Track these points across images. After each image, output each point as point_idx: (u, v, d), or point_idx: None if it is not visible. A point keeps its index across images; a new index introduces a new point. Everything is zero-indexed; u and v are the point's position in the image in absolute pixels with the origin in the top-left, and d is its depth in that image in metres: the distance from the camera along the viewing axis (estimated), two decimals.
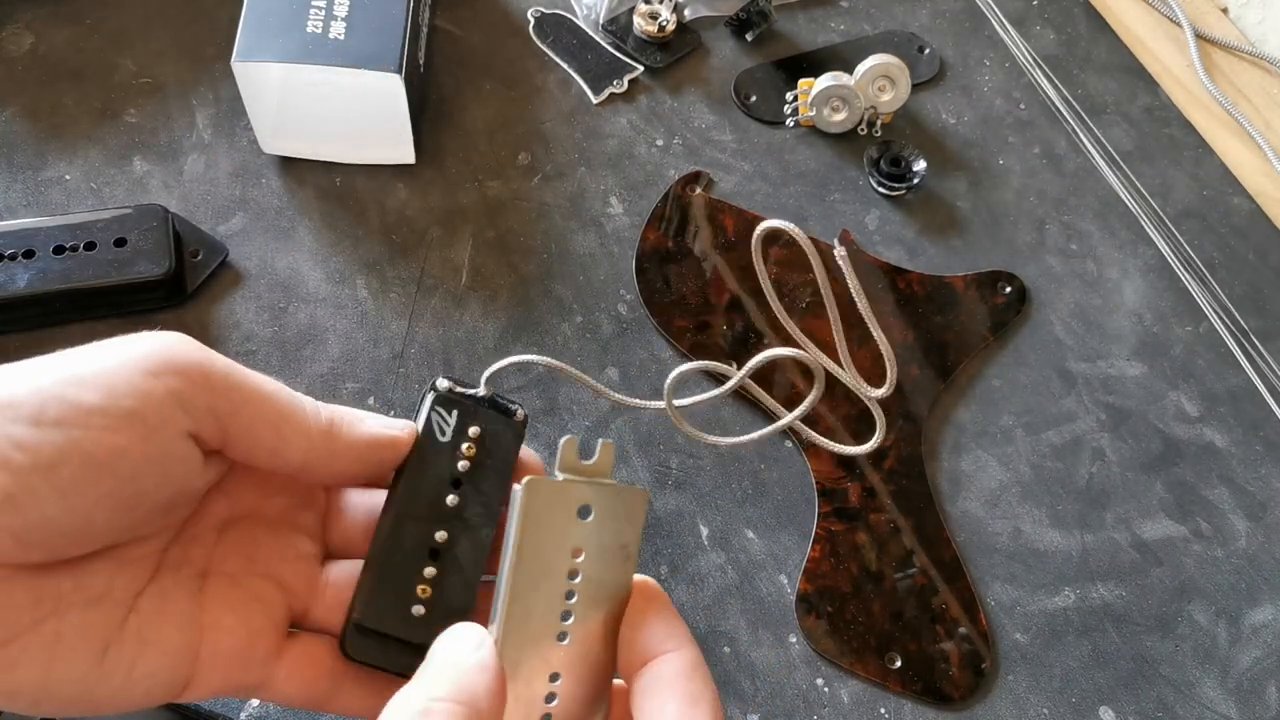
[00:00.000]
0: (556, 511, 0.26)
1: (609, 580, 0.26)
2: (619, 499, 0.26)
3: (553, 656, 0.25)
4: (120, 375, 0.23)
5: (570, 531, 0.26)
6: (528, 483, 0.25)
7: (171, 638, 0.25)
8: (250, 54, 0.47)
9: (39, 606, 0.23)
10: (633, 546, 0.26)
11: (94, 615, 0.24)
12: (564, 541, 0.26)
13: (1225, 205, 0.60)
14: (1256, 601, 0.47)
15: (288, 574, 0.28)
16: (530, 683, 0.25)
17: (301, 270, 0.49)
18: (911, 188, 0.56)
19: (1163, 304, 0.55)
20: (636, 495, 0.26)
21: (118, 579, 0.25)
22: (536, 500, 0.25)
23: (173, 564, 0.26)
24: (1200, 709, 0.44)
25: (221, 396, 0.25)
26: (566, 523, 0.26)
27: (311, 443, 0.26)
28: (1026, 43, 0.65)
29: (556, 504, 0.26)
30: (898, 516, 0.46)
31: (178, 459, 0.24)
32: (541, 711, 0.25)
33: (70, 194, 0.50)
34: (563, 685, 0.26)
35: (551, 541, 0.25)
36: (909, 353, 0.51)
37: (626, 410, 0.48)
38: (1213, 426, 0.51)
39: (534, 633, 0.25)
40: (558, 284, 0.51)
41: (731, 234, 0.53)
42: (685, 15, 0.61)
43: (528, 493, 0.25)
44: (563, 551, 0.26)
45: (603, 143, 0.56)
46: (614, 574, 0.26)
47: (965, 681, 0.43)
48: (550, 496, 0.26)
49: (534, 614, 0.25)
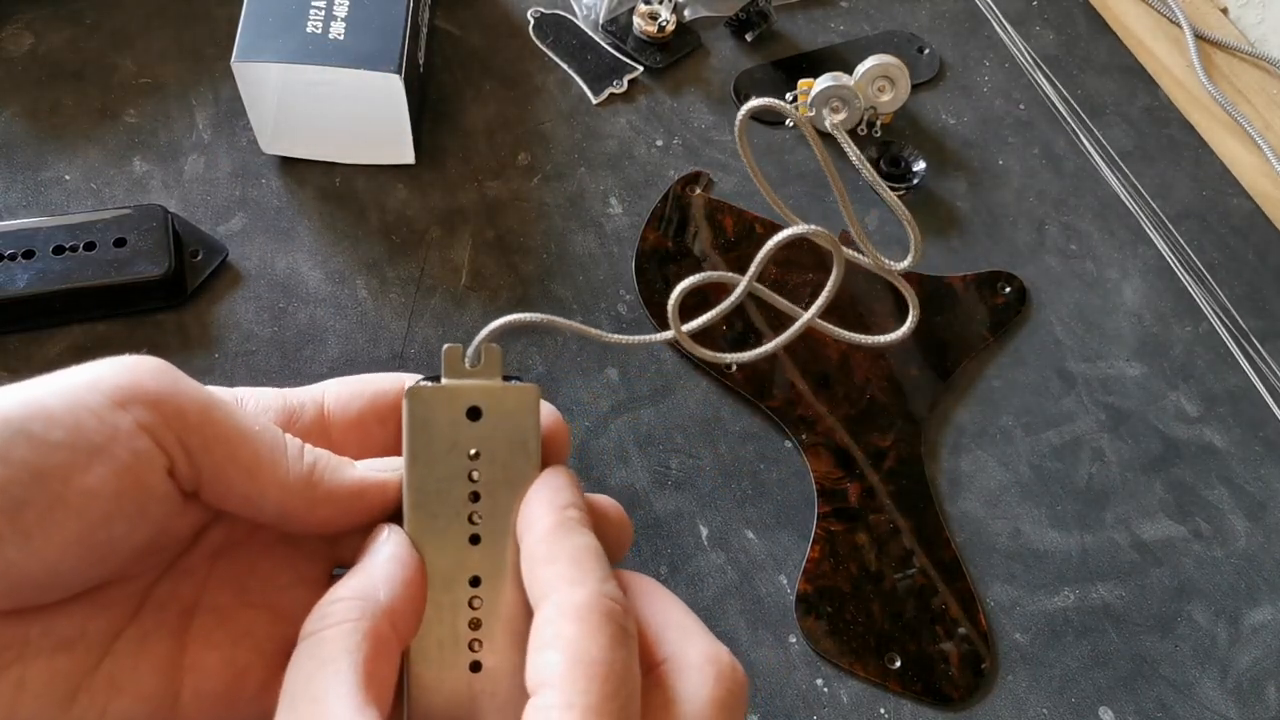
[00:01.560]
0: (442, 415, 0.25)
1: (513, 478, 0.25)
2: (508, 396, 0.26)
3: (467, 560, 0.25)
4: (86, 408, 0.21)
5: (462, 434, 0.25)
6: (410, 390, 0.25)
7: (147, 682, 0.23)
8: (250, 54, 0.47)
9: (1, 654, 0.21)
10: (532, 442, 0.26)
11: (62, 661, 0.22)
12: (457, 444, 0.25)
13: (1225, 205, 0.60)
14: (1256, 601, 0.47)
15: (284, 601, 0.26)
16: (450, 587, 0.25)
17: (301, 270, 0.50)
18: (911, 188, 0.56)
19: (1163, 304, 0.55)
20: (526, 391, 0.26)
21: (93, 622, 0.23)
22: (419, 406, 0.25)
23: (157, 602, 0.24)
24: (1200, 709, 0.44)
25: (194, 432, 0.22)
26: (456, 426, 0.25)
27: (288, 492, 0.24)
28: (1026, 43, 0.65)
29: (441, 408, 0.25)
30: (897, 516, 0.46)
31: (154, 499, 0.22)
32: (468, 616, 0.25)
33: (70, 194, 0.50)
34: (485, 588, 0.25)
35: (443, 445, 0.25)
36: (909, 353, 0.51)
37: (626, 411, 0.48)
38: (1212, 426, 0.51)
39: (442, 535, 0.25)
40: (558, 284, 0.51)
41: (731, 234, 0.53)
42: (685, 15, 0.61)
43: (410, 399, 0.25)
44: (458, 454, 0.25)
45: (602, 143, 0.56)
46: (517, 471, 0.26)
47: (965, 682, 0.43)
48: (434, 401, 0.25)
49: (439, 517, 0.25)
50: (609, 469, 0.46)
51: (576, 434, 0.47)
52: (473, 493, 0.25)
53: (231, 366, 0.46)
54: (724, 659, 0.24)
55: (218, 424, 0.23)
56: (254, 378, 0.46)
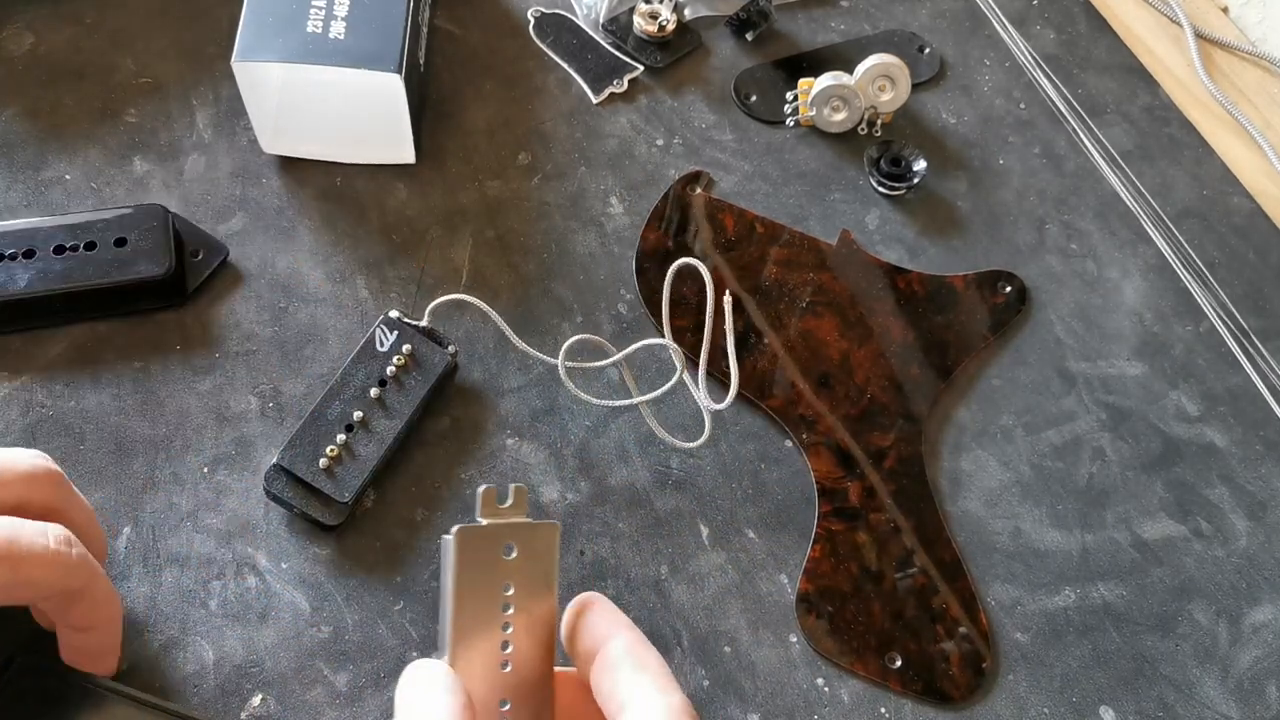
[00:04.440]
0: (485, 553, 0.28)
1: (536, 608, 0.29)
2: (535, 535, 0.29)
3: (500, 684, 0.28)
4: None
5: (498, 569, 0.28)
6: (459, 531, 0.28)
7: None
8: (250, 54, 0.47)
9: None
10: (552, 574, 0.29)
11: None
12: (495, 578, 0.28)
13: (1225, 205, 0.60)
14: (1256, 601, 0.47)
15: None
16: (487, 712, 0.28)
17: (301, 270, 0.50)
18: (911, 187, 0.56)
19: (1163, 304, 0.55)
20: (549, 529, 0.29)
21: None
22: (468, 545, 0.28)
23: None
24: (1200, 708, 0.44)
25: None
26: (494, 561, 0.28)
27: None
28: (1026, 43, 0.65)
29: (484, 546, 0.28)
30: (898, 516, 0.46)
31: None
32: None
33: (70, 194, 0.50)
34: (512, 709, 0.28)
35: (484, 580, 0.28)
36: (909, 352, 0.51)
37: (627, 411, 0.48)
38: (1213, 426, 0.51)
39: (482, 665, 0.28)
40: (558, 284, 0.51)
41: (731, 234, 0.53)
42: (685, 15, 0.61)
43: (460, 539, 0.28)
44: (495, 588, 0.28)
45: (603, 142, 0.56)
46: (540, 601, 0.29)
47: (965, 681, 0.43)
48: (479, 540, 0.28)
49: (478, 648, 0.28)
50: (609, 469, 0.46)
51: (577, 434, 0.47)
52: (505, 623, 0.28)
53: (232, 366, 0.46)
54: (675, 704, 0.27)
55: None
56: (254, 377, 0.46)
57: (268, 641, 0.40)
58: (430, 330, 0.46)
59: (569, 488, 0.46)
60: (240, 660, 0.40)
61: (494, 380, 0.48)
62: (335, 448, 0.42)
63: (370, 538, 0.43)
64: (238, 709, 0.39)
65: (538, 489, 0.45)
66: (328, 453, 0.42)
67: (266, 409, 0.45)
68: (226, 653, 0.40)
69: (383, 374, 0.44)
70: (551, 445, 0.46)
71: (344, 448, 0.42)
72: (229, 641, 0.40)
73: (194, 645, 0.40)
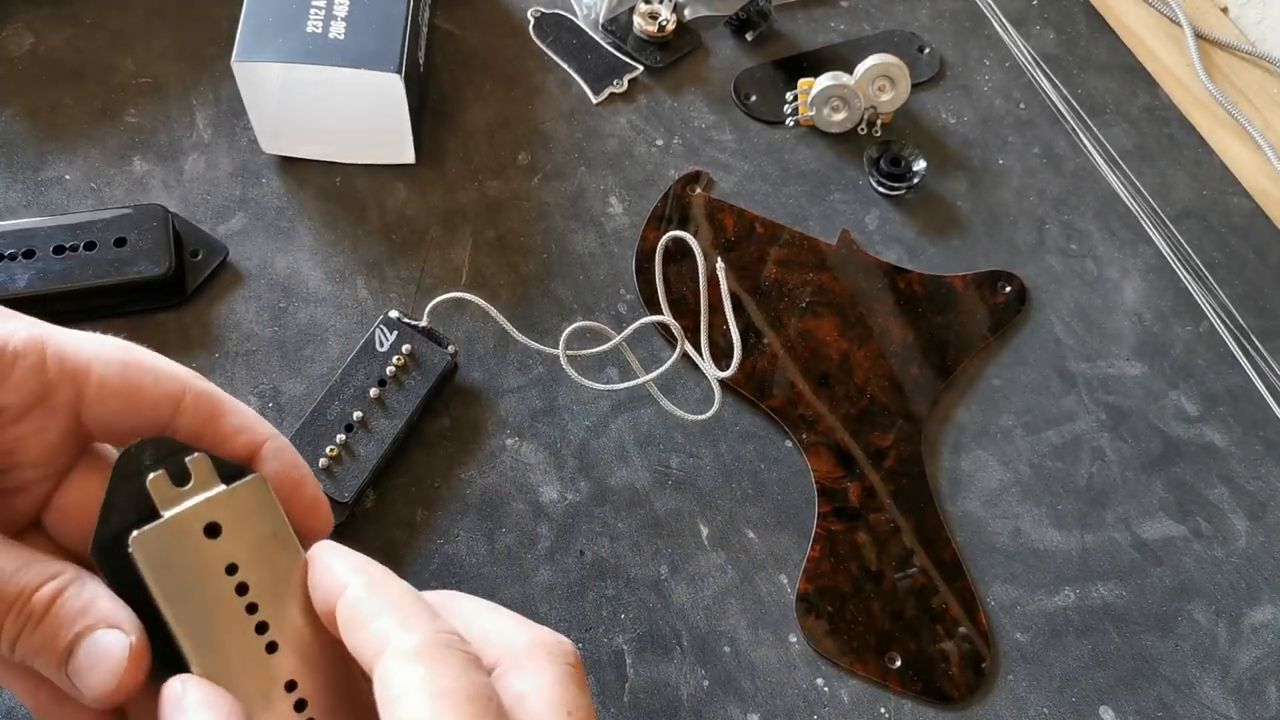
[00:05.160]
0: (180, 550, 0.24)
1: (280, 574, 0.25)
2: (237, 500, 0.25)
3: (275, 669, 0.24)
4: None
5: (207, 556, 0.24)
6: (133, 541, 0.23)
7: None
8: (250, 54, 0.47)
9: None
10: (282, 530, 0.25)
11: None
12: (208, 568, 0.24)
13: (1225, 205, 0.60)
14: (1256, 601, 0.47)
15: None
16: (270, 703, 0.24)
17: (301, 270, 0.50)
18: (911, 188, 0.56)
19: (1163, 304, 0.55)
20: (250, 489, 0.25)
21: None
22: (151, 553, 0.24)
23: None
24: (1200, 708, 0.44)
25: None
26: (198, 551, 0.24)
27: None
28: (1026, 43, 0.65)
29: (174, 543, 0.24)
30: (898, 516, 0.46)
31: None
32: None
33: (70, 194, 0.50)
34: (302, 687, 0.24)
35: (196, 577, 0.24)
36: (909, 352, 0.51)
37: (627, 410, 0.48)
38: (1213, 426, 0.51)
39: (238, 659, 0.24)
40: (558, 284, 0.51)
41: (731, 234, 0.53)
42: (685, 15, 0.61)
43: (138, 550, 0.23)
44: (214, 578, 0.24)
45: (603, 142, 0.56)
46: (281, 565, 0.25)
47: (965, 681, 0.43)
48: (163, 540, 0.24)
49: (226, 644, 0.24)
50: (609, 469, 0.46)
51: (577, 434, 0.47)
52: (248, 604, 0.24)
53: (231, 366, 0.46)
54: (546, 639, 0.24)
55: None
56: (254, 377, 0.46)
57: None
58: (430, 330, 0.46)
59: (569, 488, 0.46)
60: None
61: (494, 380, 0.48)
62: (335, 448, 0.42)
63: (370, 538, 0.43)
64: None
65: (538, 489, 0.45)
66: (327, 453, 0.42)
67: (266, 409, 0.45)
68: None
69: (382, 374, 0.44)
70: (551, 445, 0.46)
71: (344, 448, 0.42)
72: None
73: None
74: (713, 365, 0.46)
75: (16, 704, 0.38)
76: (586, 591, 0.43)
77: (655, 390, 0.46)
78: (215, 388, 0.26)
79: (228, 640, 0.24)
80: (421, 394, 0.44)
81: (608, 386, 0.46)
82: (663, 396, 0.46)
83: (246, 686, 0.24)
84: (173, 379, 0.25)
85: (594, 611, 0.43)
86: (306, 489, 0.27)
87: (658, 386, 0.46)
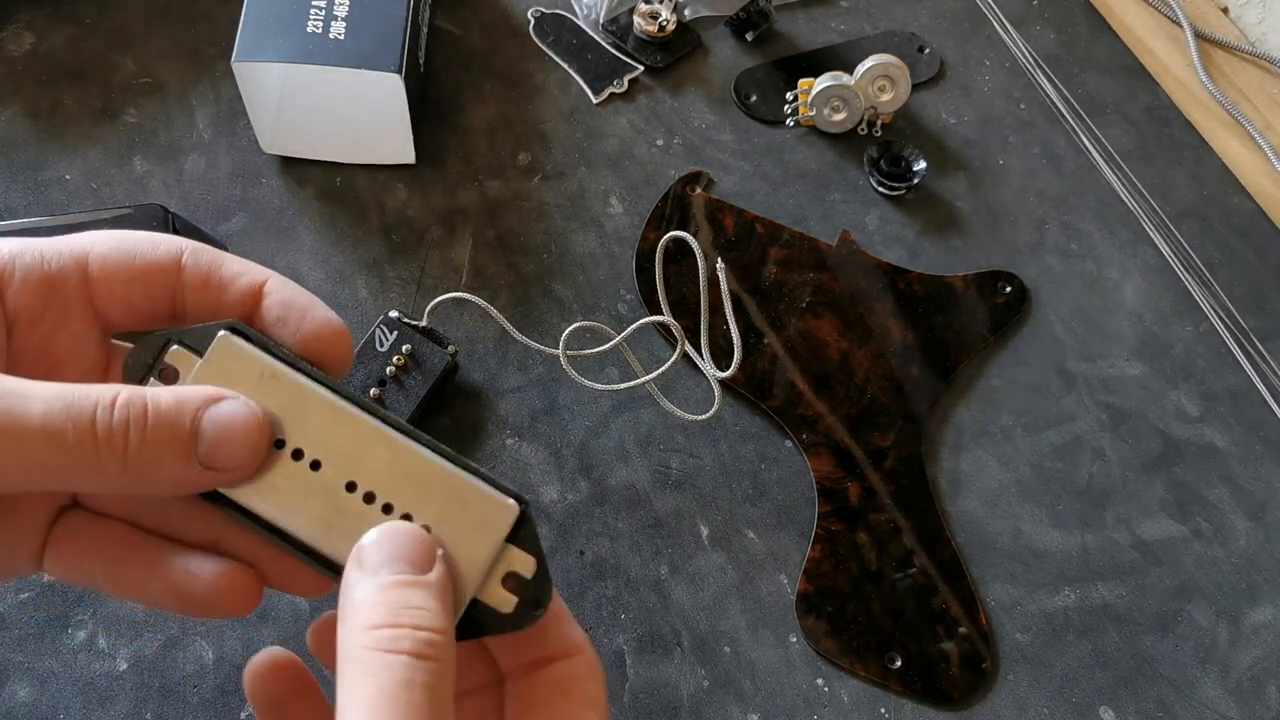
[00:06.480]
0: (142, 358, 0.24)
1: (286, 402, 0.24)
2: (217, 361, 0.24)
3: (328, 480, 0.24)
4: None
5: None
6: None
7: None
8: (250, 54, 0.47)
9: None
10: (268, 369, 0.24)
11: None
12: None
13: (1225, 205, 0.60)
14: (1256, 601, 0.47)
15: None
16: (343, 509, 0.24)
17: (301, 270, 0.49)
18: (911, 188, 0.56)
19: (1163, 304, 0.55)
20: (221, 343, 0.24)
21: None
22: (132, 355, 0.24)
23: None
24: (1200, 709, 0.44)
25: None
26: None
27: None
28: (1026, 43, 0.65)
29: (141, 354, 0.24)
30: (898, 516, 0.46)
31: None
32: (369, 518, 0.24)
33: (70, 194, 0.50)
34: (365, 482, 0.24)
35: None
36: (909, 353, 0.51)
37: (627, 410, 0.48)
38: (1213, 426, 0.51)
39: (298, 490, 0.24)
40: (558, 284, 0.51)
41: (731, 234, 0.53)
42: (685, 15, 0.61)
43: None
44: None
45: (603, 143, 0.56)
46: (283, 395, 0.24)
47: (965, 681, 0.43)
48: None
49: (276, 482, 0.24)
50: (610, 468, 0.46)
51: (577, 434, 0.47)
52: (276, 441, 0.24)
53: None
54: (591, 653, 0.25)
55: None
56: None
57: (267, 641, 0.40)
58: (430, 330, 0.46)
59: (569, 488, 0.46)
60: (240, 660, 0.40)
61: (494, 380, 0.48)
62: None
63: None
64: (237, 709, 0.39)
65: (537, 489, 0.45)
66: None
67: None
68: (226, 653, 0.40)
69: (382, 374, 0.44)
70: (551, 445, 0.46)
71: None
72: (229, 641, 0.40)
73: (194, 645, 0.40)
74: (713, 365, 0.46)
75: (16, 704, 0.38)
76: (586, 591, 0.43)
77: (655, 390, 0.46)
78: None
79: (276, 479, 0.24)
80: (422, 394, 0.44)
81: (608, 386, 0.46)
82: (663, 397, 0.46)
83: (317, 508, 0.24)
84: (168, 239, 0.25)
85: (594, 611, 0.43)
86: (315, 311, 0.26)
87: (658, 386, 0.46)
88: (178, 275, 0.25)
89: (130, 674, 0.39)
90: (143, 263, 0.25)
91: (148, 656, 0.39)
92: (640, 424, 0.47)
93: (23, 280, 0.23)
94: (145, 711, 0.38)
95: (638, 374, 0.46)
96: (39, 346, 0.24)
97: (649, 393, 0.47)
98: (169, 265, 0.25)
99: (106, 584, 0.25)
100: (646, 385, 0.45)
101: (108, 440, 0.21)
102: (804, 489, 0.47)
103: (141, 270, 0.25)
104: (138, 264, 0.25)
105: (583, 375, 0.45)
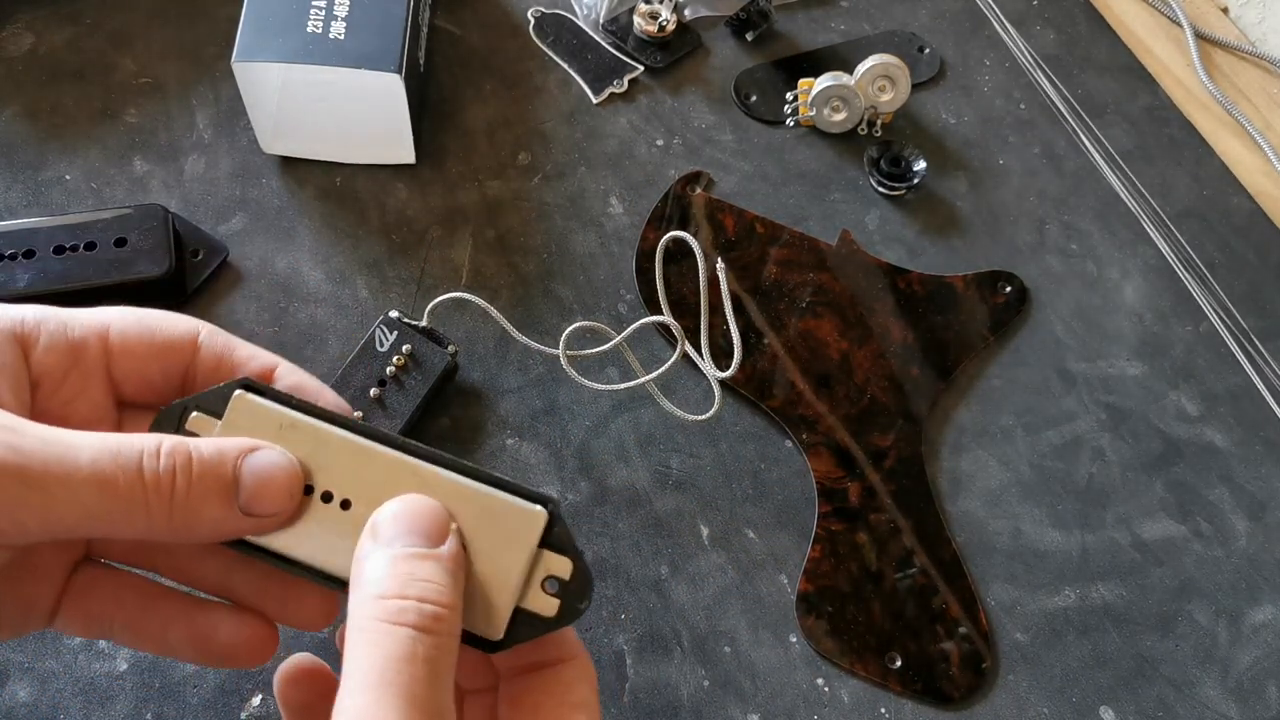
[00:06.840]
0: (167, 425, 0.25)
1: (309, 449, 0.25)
2: (236, 418, 0.25)
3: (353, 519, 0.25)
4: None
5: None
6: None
7: None
8: (250, 54, 0.47)
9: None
10: (287, 420, 0.25)
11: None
12: None
13: (1225, 205, 0.60)
14: (1256, 601, 0.47)
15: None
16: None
17: (301, 270, 0.50)
18: (911, 188, 0.56)
19: (1163, 304, 0.55)
20: (238, 403, 0.25)
21: None
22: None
23: None
24: (1200, 709, 0.44)
25: None
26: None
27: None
28: (1026, 43, 0.65)
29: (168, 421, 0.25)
30: (898, 516, 0.46)
31: None
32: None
33: (70, 194, 0.50)
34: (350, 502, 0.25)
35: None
36: (909, 352, 0.51)
37: (627, 410, 0.48)
38: (1213, 426, 0.51)
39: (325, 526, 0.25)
40: (558, 284, 0.51)
41: (731, 234, 0.53)
42: (685, 15, 0.61)
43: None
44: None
45: (603, 143, 0.56)
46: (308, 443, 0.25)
47: (965, 681, 0.43)
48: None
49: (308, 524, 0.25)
50: (610, 468, 0.46)
51: (577, 434, 0.47)
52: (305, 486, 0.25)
53: None
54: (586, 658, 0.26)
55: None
56: None
57: None
58: (430, 330, 0.46)
59: (569, 488, 0.46)
60: None
61: (494, 380, 0.48)
62: None
63: None
64: (237, 709, 0.39)
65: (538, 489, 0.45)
66: None
67: None
68: None
69: (382, 374, 0.44)
70: (551, 445, 0.46)
71: None
72: None
73: None
74: (713, 365, 0.46)
75: (16, 704, 0.38)
76: None
77: (655, 390, 0.46)
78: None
79: (311, 524, 0.25)
80: (422, 394, 0.44)
81: (608, 386, 0.46)
82: (663, 397, 0.46)
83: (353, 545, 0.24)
84: (185, 319, 0.26)
85: (594, 611, 0.43)
86: (325, 396, 0.28)
87: (658, 386, 0.46)
88: (193, 354, 0.26)
89: (130, 674, 0.39)
90: (161, 339, 0.26)
91: (148, 657, 0.39)
92: (640, 424, 0.47)
93: (48, 344, 0.24)
94: (145, 712, 0.38)
95: (638, 374, 0.46)
96: (59, 410, 0.25)
97: (649, 393, 0.47)
98: (185, 344, 0.26)
99: (124, 635, 0.25)
100: (646, 385, 0.46)
101: (155, 486, 0.21)
102: (804, 489, 0.47)
103: (160, 347, 0.26)
104: (157, 340, 0.26)
105: (583, 375, 0.45)
